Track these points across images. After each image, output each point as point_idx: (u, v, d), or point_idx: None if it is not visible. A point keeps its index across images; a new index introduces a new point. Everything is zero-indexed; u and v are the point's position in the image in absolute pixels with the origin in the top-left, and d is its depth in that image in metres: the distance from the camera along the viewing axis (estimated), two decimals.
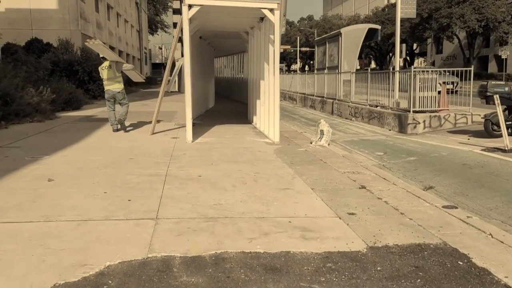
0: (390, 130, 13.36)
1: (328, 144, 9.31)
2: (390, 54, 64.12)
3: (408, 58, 61.95)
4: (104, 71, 10.45)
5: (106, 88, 10.50)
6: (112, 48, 39.27)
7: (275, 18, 9.25)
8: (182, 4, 8.98)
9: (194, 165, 6.93)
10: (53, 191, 5.25)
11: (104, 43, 37.55)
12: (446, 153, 9.19)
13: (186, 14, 9.00)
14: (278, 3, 9.16)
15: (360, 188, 5.76)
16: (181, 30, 9.29)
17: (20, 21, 27.78)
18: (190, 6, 9.04)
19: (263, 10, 9.31)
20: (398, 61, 14.86)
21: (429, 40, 57.78)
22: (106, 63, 10.49)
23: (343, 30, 19.58)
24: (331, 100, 19.61)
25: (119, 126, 10.63)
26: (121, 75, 10.56)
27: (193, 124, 12.87)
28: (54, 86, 16.74)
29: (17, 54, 17.05)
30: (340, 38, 19.53)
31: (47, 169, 6.38)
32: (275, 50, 9.40)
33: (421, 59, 70.89)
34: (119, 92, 10.45)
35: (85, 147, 8.54)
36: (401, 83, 13.82)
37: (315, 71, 23.35)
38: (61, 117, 14.04)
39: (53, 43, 25.45)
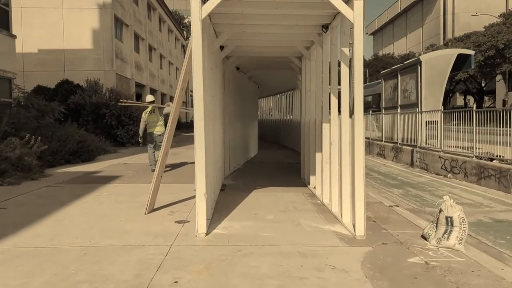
0: None
1: (463, 246, 4.83)
2: (450, 94, 57.84)
3: (476, 96, 55.59)
4: (147, 115, 10.86)
5: (148, 131, 10.87)
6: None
7: (355, 15, 5.17)
8: None
9: None
10: None
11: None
12: None
13: (198, 10, 5.12)
14: None
15: None
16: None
17: (53, 63, 25.88)
18: None
19: (333, 2, 5.26)
20: None
21: (499, 77, 51.46)
22: (149, 108, 10.96)
23: (423, 58, 15.23)
24: (409, 148, 15.00)
25: (153, 168, 10.43)
26: (163, 119, 10.70)
27: (222, 188, 8.85)
28: (60, 134, 13.54)
29: (19, 97, 14.13)
30: (419, 68, 15.17)
31: None
32: (354, 70, 5.25)
33: (486, 98, 63.82)
34: (160, 135, 10.54)
35: (2, 253, 4.63)
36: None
37: (383, 110, 18.94)
38: (53, 174, 10.52)
39: (84, 85, 23.11)
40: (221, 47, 8.87)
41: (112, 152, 17.10)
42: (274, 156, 16.33)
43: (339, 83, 6.56)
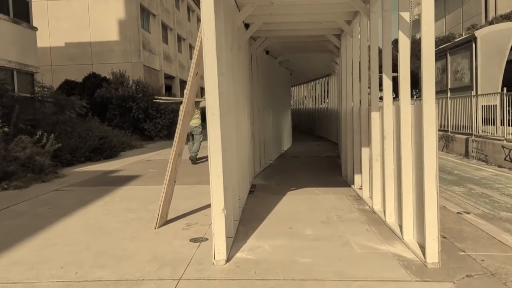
0: None
1: None
2: None
3: None
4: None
5: None
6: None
7: None
8: None
9: None
10: None
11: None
12: None
13: None
14: None
15: None
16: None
17: (80, 56, 25.39)
18: None
19: None
20: None
21: None
22: None
23: (479, 33, 13.37)
24: (463, 136, 13.27)
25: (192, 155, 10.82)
26: (199, 111, 10.82)
27: (251, 189, 7.64)
28: (80, 130, 12.73)
29: (36, 91, 13.38)
30: (473, 45, 13.34)
31: None
32: (422, 40, 3.84)
33: None
34: (196, 127, 10.83)
35: None
36: None
37: None
38: (69, 174, 9.66)
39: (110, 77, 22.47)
40: (246, 26, 7.60)
41: (138, 147, 16.29)
42: (310, 148, 14.98)
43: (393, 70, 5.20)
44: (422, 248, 4.12)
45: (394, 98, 5.89)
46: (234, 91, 5.43)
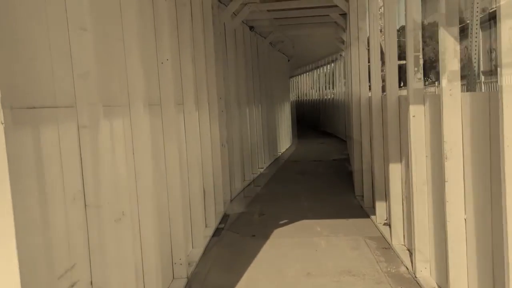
0: None
1: None
2: None
3: None
4: None
5: None
6: None
7: None
8: None
9: None
10: None
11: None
12: None
13: None
14: None
15: None
16: None
17: None
18: None
19: None
20: None
21: None
22: None
23: None
24: None
25: None
26: None
27: (219, 226, 5.04)
28: None
29: None
30: None
31: None
32: None
33: None
34: None
35: None
36: None
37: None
38: None
39: None
40: None
41: None
42: (313, 148, 12.33)
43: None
44: None
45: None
46: (143, 78, 2.82)
